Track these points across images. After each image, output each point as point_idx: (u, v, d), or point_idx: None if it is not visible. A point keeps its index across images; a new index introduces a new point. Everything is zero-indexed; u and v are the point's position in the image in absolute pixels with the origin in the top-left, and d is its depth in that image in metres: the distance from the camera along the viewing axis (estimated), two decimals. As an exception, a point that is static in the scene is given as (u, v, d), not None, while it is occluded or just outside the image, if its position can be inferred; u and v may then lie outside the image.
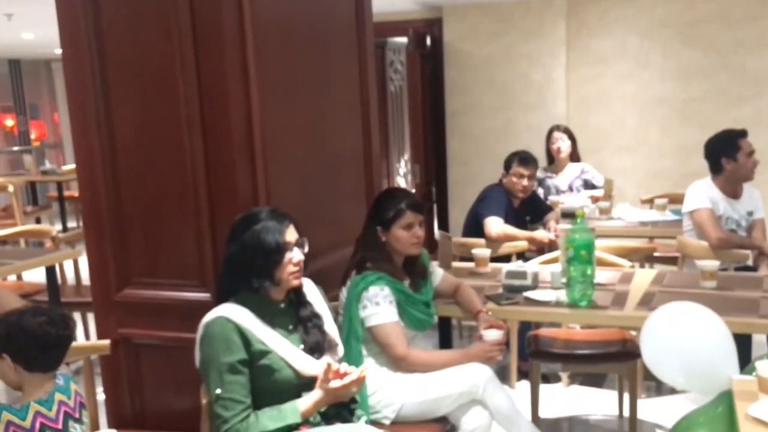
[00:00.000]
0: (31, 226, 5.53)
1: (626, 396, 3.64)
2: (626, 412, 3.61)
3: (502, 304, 2.92)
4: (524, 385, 3.77)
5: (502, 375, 4.14)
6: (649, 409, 3.68)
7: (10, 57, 11.17)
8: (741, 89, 5.60)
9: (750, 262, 3.75)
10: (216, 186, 2.46)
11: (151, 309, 2.58)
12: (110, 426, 2.68)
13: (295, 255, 2.19)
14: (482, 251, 3.46)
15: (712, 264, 3.01)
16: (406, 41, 5.83)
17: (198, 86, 2.40)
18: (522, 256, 4.21)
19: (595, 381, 4.10)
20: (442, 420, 2.61)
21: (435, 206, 6.60)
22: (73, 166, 10.01)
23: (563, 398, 3.93)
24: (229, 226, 2.39)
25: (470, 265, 3.50)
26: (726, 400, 2.00)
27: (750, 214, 3.92)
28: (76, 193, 10.46)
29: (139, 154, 2.52)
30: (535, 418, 3.37)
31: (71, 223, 9.07)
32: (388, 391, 2.58)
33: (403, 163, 5.83)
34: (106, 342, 2.58)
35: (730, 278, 3.15)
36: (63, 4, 2.53)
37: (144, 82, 2.46)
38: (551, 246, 4.10)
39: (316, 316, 2.31)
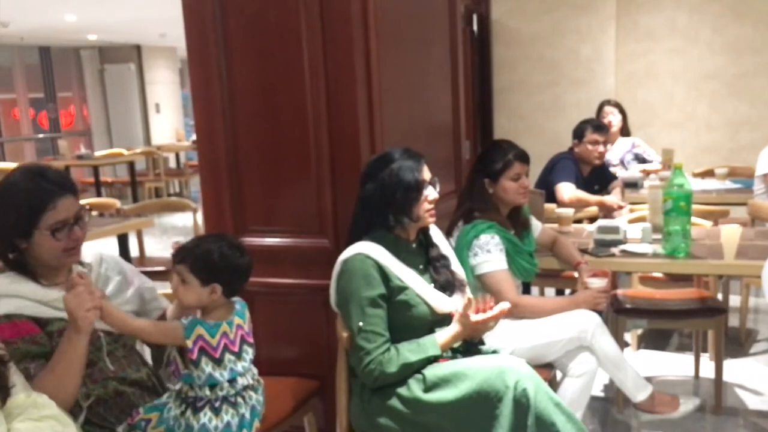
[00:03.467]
0: (95, 199, 5.59)
1: (703, 357, 3.70)
2: (702, 373, 3.67)
3: (600, 256, 2.96)
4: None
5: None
6: (728, 369, 3.73)
7: (41, 44, 11.23)
8: None
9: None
10: (337, 134, 2.51)
11: (267, 256, 2.61)
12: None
13: (431, 193, 2.24)
14: (566, 210, 3.51)
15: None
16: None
17: (322, 34, 2.44)
18: (593, 221, 4.24)
19: (662, 345, 4.14)
20: (549, 366, 2.66)
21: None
22: (106, 151, 10.09)
23: (635, 362, 3.97)
24: (349, 173, 2.45)
25: (553, 226, 3.54)
26: None
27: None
28: (110, 179, 10.55)
29: (259, 102, 2.57)
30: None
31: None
32: (499, 336, 2.62)
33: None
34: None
35: (820, 232, 3.20)
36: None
37: (266, 32, 2.51)
38: (618, 211, 4.14)
39: (444, 257, 2.36)
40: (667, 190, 2.91)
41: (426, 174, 2.24)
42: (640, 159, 5.33)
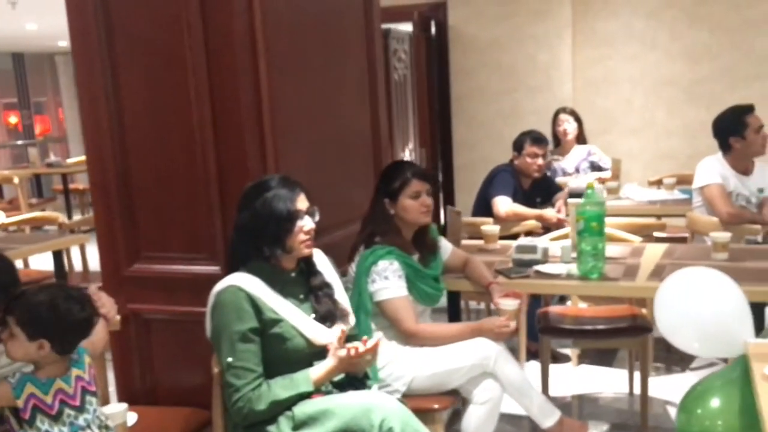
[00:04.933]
0: (38, 213, 5.54)
1: (636, 374, 3.64)
2: (637, 390, 3.60)
3: (513, 277, 2.90)
4: (533, 366, 3.76)
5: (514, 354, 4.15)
6: (660, 386, 3.66)
7: (14, 50, 11.18)
8: (749, 68, 5.56)
9: (760, 238, 3.72)
10: (225, 158, 2.45)
11: (161, 283, 2.57)
12: (121, 401, 2.67)
13: (306, 223, 2.18)
14: (491, 227, 3.45)
15: (723, 235, 2.99)
16: (411, 29, 5.81)
17: (206, 58, 2.39)
18: (531, 235, 4.19)
19: (605, 360, 4.08)
20: (454, 392, 2.60)
21: (441, 191, 6.58)
22: (78, 158, 10.03)
23: (573, 377, 3.92)
24: (237, 199, 2.38)
25: (479, 242, 3.48)
26: (741, 364, 1.98)
27: (761, 191, 3.89)
28: (81, 186, 10.49)
29: (147, 127, 2.51)
30: (545, 394, 3.36)
31: (76, 216, 9.07)
32: (399, 364, 2.57)
33: (407, 151, 5.82)
34: (116, 318, 2.57)
35: (741, 250, 3.13)
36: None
37: (152, 54, 2.45)
38: (558, 225, 4.09)
39: (327, 286, 2.30)
40: (579, 209, 2.85)
41: (301, 204, 2.18)
42: (596, 167, 5.27)
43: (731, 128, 3.83)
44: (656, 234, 4.50)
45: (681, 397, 2.13)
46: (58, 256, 4.31)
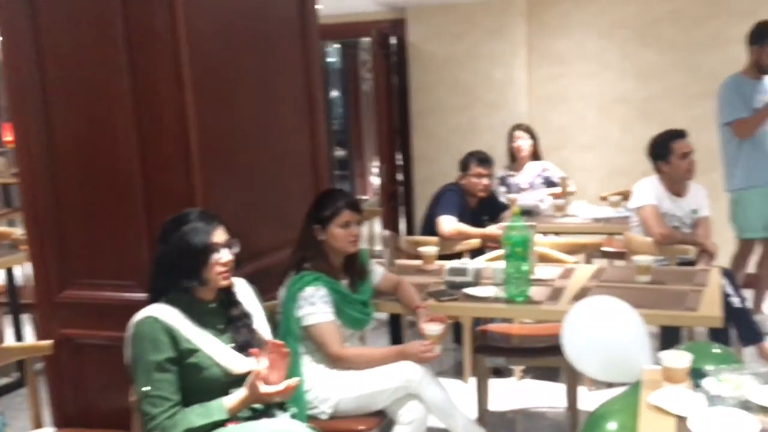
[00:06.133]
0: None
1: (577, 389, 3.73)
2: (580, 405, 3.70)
3: (442, 300, 2.98)
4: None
5: (457, 369, 4.24)
6: (598, 400, 3.74)
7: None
8: (697, 87, 5.68)
9: (692, 257, 3.84)
10: (152, 187, 2.52)
11: (91, 309, 2.63)
12: (55, 424, 2.73)
13: (223, 256, 2.25)
14: (429, 249, 3.53)
15: (645, 259, 3.09)
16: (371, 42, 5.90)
17: (132, 90, 2.46)
18: (480, 252, 4.27)
19: (549, 375, 4.17)
20: (380, 414, 2.68)
21: (403, 205, 6.67)
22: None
23: (515, 392, 4.01)
24: (165, 227, 2.45)
25: (419, 262, 3.57)
26: (637, 390, 2.07)
27: (695, 212, 4.00)
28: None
29: (78, 155, 2.58)
30: (483, 412, 3.45)
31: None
32: (325, 387, 2.65)
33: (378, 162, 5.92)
34: (49, 342, 2.62)
35: (664, 272, 3.23)
36: (3, 8, 2.58)
37: (81, 83, 2.53)
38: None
39: (246, 315, 2.37)
40: (506, 234, 2.93)
41: (218, 237, 2.26)
42: (551, 183, 5.38)
43: (659, 153, 3.95)
44: (603, 249, 4.64)
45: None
46: (9, 272, 4.35)
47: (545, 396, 3.94)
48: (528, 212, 4.83)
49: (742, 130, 4.37)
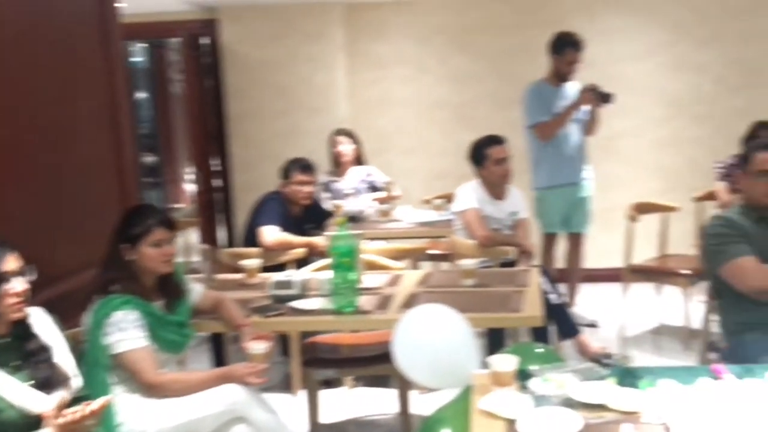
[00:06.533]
0: None
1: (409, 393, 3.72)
2: (409, 409, 3.68)
3: (267, 316, 2.84)
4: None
5: (285, 383, 4.09)
6: (429, 404, 3.76)
7: None
8: (511, 93, 5.84)
9: (513, 258, 3.96)
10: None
11: None
12: None
13: (15, 285, 1.97)
14: (251, 261, 3.36)
15: (469, 263, 3.12)
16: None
17: None
18: (306, 262, 4.15)
19: (380, 381, 4.13)
20: (205, 442, 2.48)
21: (222, 214, 6.41)
22: None
23: (347, 401, 3.93)
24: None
25: (241, 276, 3.39)
26: (467, 395, 2.06)
27: (514, 214, 4.15)
28: None
29: None
30: (314, 425, 3.35)
31: None
32: (140, 419, 2.41)
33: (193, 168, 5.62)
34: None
35: (488, 275, 3.28)
36: None
37: None
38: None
39: (45, 349, 2.10)
40: (332, 244, 2.84)
41: (9, 264, 1.98)
42: (374, 188, 5.37)
43: (476, 158, 4.09)
44: (429, 252, 4.67)
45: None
46: None
47: (377, 403, 3.90)
48: (353, 218, 4.78)
49: (543, 133, 4.71)
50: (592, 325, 4.87)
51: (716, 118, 5.85)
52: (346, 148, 5.35)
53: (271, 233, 4.04)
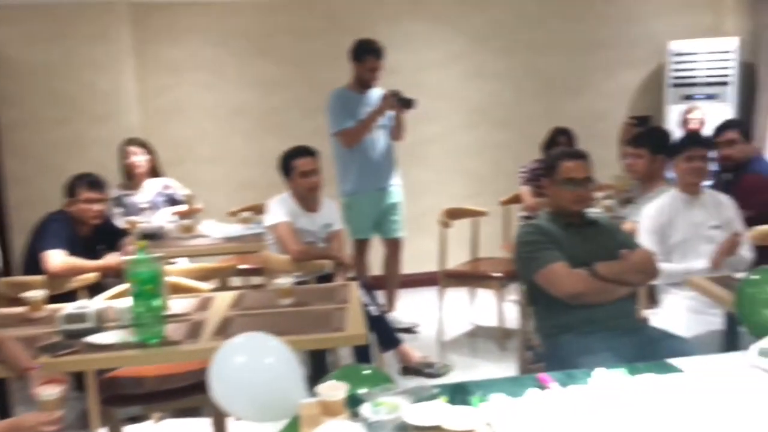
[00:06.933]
0: None
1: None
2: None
3: (58, 355, 2.45)
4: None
5: (83, 421, 3.63)
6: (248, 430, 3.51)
7: None
8: (318, 99, 5.64)
9: (330, 271, 3.84)
10: None
11: None
12: None
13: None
14: (35, 293, 2.92)
15: (284, 281, 2.94)
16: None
17: None
18: (100, 288, 3.72)
19: (192, 411, 3.80)
20: None
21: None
22: None
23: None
24: None
25: (23, 309, 2.94)
26: (294, 427, 1.88)
27: (327, 226, 4.03)
28: None
29: None
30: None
31: None
32: None
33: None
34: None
35: (306, 292, 3.10)
36: None
37: None
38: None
39: None
40: (131, 271, 2.51)
41: None
42: (173, 201, 4.98)
43: (284, 170, 3.99)
44: (239, 266, 4.39)
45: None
46: None
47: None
48: (152, 236, 4.39)
49: (348, 139, 4.72)
50: (411, 330, 4.88)
51: (517, 123, 6.12)
52: (139, 158, 4.92)
53: (56, 258, 3.58)
